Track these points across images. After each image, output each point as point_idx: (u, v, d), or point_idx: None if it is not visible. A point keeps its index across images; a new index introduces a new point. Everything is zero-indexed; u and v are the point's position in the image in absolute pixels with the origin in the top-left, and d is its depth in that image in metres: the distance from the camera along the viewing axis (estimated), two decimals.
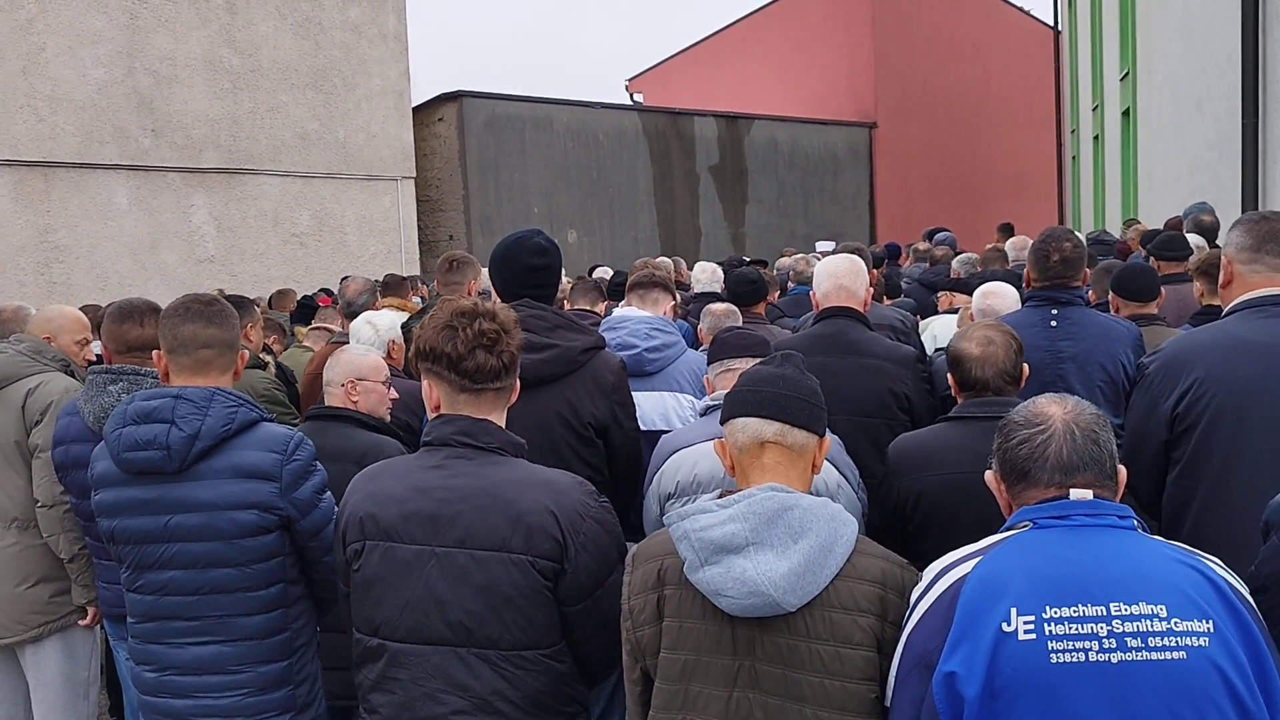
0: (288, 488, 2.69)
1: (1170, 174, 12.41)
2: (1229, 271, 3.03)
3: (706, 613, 2.01)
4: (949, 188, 25.82)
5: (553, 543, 2.23)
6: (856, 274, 3.90)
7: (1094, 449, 1.83)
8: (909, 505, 2.93)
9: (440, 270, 5.31)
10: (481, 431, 2.35)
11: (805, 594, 1.92)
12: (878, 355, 3.62)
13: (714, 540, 1.95)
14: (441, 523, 2.26)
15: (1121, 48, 15.70)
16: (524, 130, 17.96)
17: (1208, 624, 1.64)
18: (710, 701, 2.00)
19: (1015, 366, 2.96)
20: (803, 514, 1.95)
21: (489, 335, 2.33)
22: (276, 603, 2.73)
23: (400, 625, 2.29)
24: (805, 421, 2.09)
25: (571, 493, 2.32)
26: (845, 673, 1.92)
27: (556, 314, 3.32)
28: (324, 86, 15.14)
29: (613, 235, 19.19)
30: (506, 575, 2.23)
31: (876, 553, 2.04)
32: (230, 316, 2.82)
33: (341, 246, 15.44)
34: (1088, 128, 19.89)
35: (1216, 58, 9.63)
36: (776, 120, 22.56)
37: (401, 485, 2.34)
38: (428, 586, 2.26)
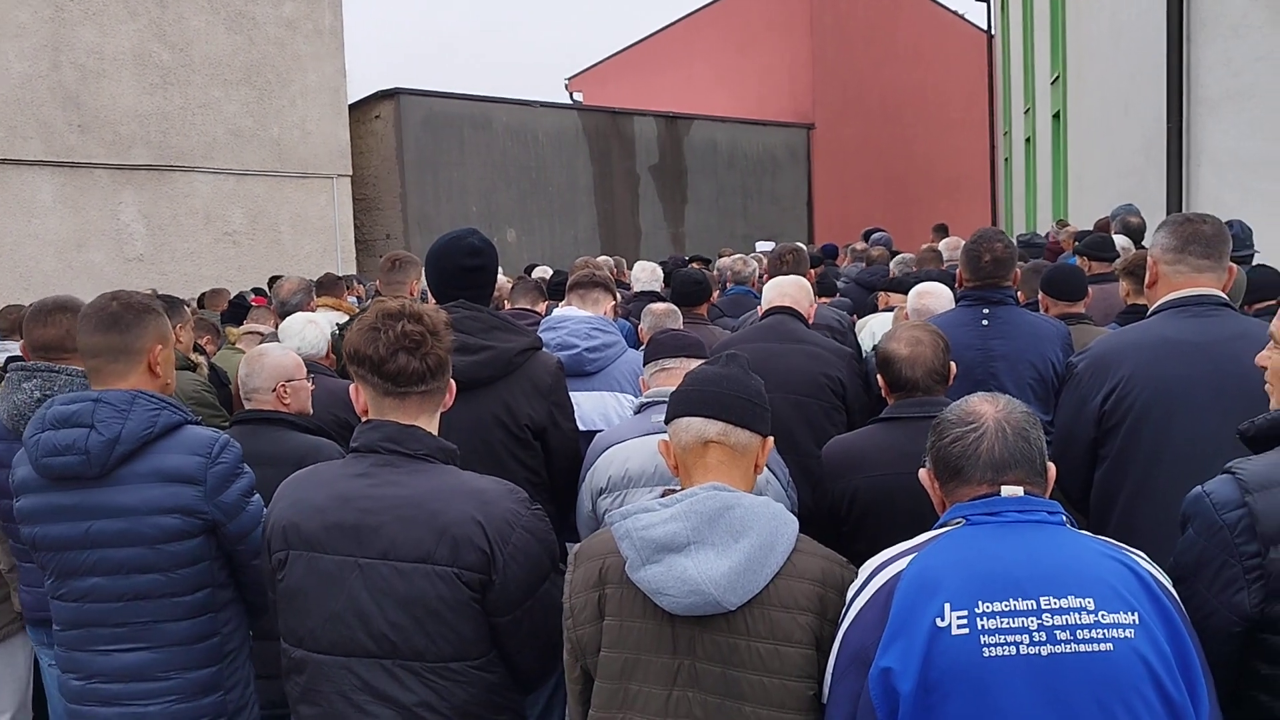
0: (212, 491, 2.62)
1: (1099, 176, 12.68)
2: (1154, 272, 3.09)
3: (647, 611, 2.00)
4: (885, 188, 26.16)
5: (479, 554, 2.18)
6: (803, 290, 4.12)
7: (1024, 446, 1.86)
8: (843, 507, 2.95)
9: (382, 269, 5.25)
10: (409, 438, 2.29)
11: (745, 593, 1.92)
12: (814, 344, 3.73)
13: (655, 539, 1.95)
14: (364, 534, 2.21)
15: (1052, 52, 16.03)
16: (462, 129, 17.83)
17: (1133, 616, 1.67)
18: (650, 700, 1.99)
19: (943, 365, 2.99)
20: (744, 513, 1.96)
21: (413, 337, 2.25)
22: (204, 608, 2.67)
23: (324, 637, 2.24)
24: (748, 421, 2.10)
25: (500, 502, 2.26)
26: (784, 670, 1.92)
27: (492, 315, 3.28)
28: (257, 82, 14.88)
29: (552, 235, 19.13)
30: (431, 588, 2.17)
31: (817, 551, 2.05)
32: (131, 323, 2.69)
33: (276, 245, 15.18)
34: (1020, 130, 20.28)
35: (1143, 63, 9.86)
36: (716, 121, 22.68)
37: (325, 494, 2.28)
38: (351, 599, 2.20)
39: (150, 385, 2.71)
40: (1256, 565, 1.89)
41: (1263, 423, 2.07)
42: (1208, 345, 2.88)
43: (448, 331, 2.36)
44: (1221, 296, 3.07)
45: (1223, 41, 8.59)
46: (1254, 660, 1.95)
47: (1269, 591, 1.89)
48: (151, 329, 2.73)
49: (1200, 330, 2.91)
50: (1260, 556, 1.89)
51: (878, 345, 3.12)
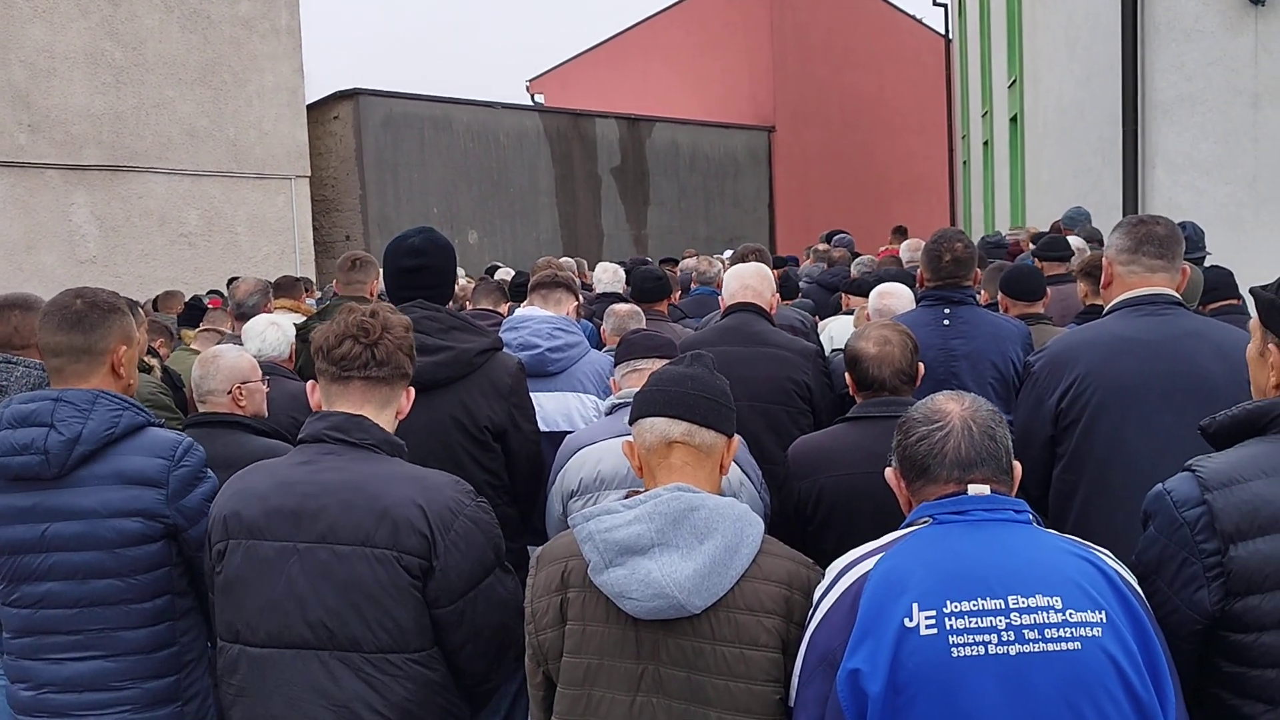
0: (175, 494, 2.57)
1: (1056, 178, 12.85)
2: (1109, 272, 3.13)
3: (610, 616, 1.97)
4: (846, 191, 26.34)
5: (419, 538, 2.18)
6: (764, 280, 4.02)
7: (991, 445, 1.86)
8: (809, 506, 2.95)
9: (341, 270, 5.18)
10: (355, 427, 2.30)
11: (710, 595, 1.90)
12: (780, 345, 3.70)
13: (619, 541, 1.91)
14: (304, 517, 2.20)
15: (1009, 56, 16.21)
16: (423, 129, 17.71)
17: (1100, 614, 1.68)
18: (613, 706, 1.96)
19: (911, 365, 3.00)
20: (709, 514, 1.93)
21: (363, 326, 2.32)
22: (163, 615, 2.61)
23: (260, 628, 2.22)
24: (713, 421, 2.08)
25: (444, 489, 2.27)
26: (750, 674, 1.90)
27: (452, 315, 3.25)
28: (213, 82, 14.68)
29: (514, 236, 19.05)
30: (369, 571, 2.17)
31: (782, 553, 2.03)
32: (96, 323, 2.64)
33: (232, 247, 14.99)
34: (978, 133, 20.49)
35: (1098, 66, 10.01)
36: (677, 123, 22.73)
37: (267, 482, 2.29)
38: (288, 584, 2.19)
39: (113, 386, 2.66)
40: (1216, 563, 1.89)
41: (1224, 419, 2.07)
42: (1161, 343, 2.93)
43: (406, 332, 2.39)
44: (1175, 296, 3.12)
45: (1176, 46, 8.73)
46: (1215, 658, 1.97)
47: (1229, 589, 1.89)
48: (116, 329, 2.68)
49: (1153, 328, 2.96)
50: (1220, 554, 1.89)
51: (848, 343, 3.12)
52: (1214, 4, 8.60)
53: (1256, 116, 8.61)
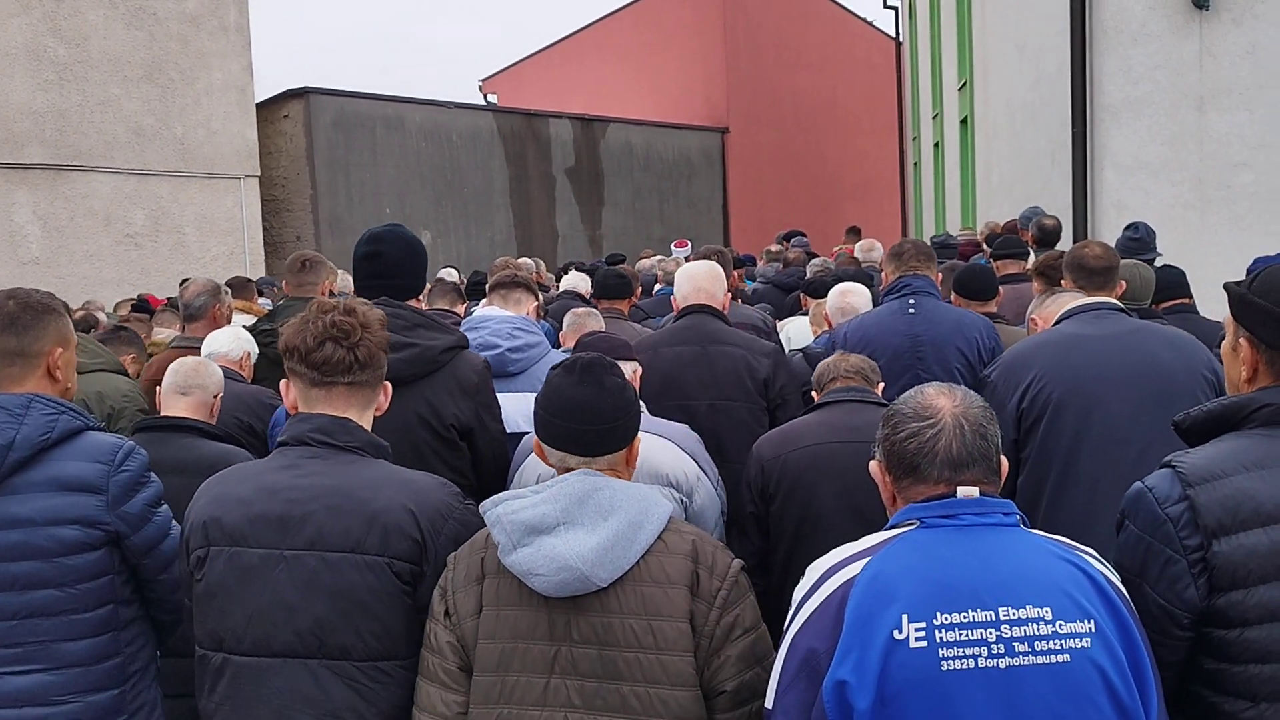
0: (115, 501, 2.47)
1: (1006, 179, 13.00)
2: (1043, 325, 3.31)
3: (523, 599, 2.00)
4: (799, 192, 26.50)
5: (411, 543, 2.13)
6: (715, 279, 4.00)
7: (982, 444, 1.81)
8: (772, 482, 3.00)
9: (290, 271, 5.07)
10: (340, 430, 2.25)
11: (615, 569, 1.94)
12: (736, 344, 3.71)
13: (525, 521, 1.97)
14: (291, 524, 2.15)
15: (959, 59, 16.39)
16: (375, 129, 17.53)
17: (1089, 624, 1.66)
18: (528, 690, 1.98)
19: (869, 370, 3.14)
20: (612, 494, 2.00)
21: (341, 327, 2.25)
22: (106, 625, 2.50)
23: (246, 637, 2.16)
24: (607, 449, 2.10)
25: (433, 492, 2.23)
26: (659, 645, 1.93)
27: (417, 313, 3.21)
28: (159, 80, 14.39)
29: (468, 237, 18.92)
30: (360, 578, 2.12)
31: (688, 530, 2.07)
32: (29, 324, 2.53)
33: (180, 247, 14.70)
34: (929, 135, 20.70)
35: (1048, 69, 10.13)
36: (632, 124, 22.74)
37: (249, 487, 2.23)
38: (276, 592, 2.13)
39: (49, 390, 2.55)
40: (1200, 559, 1.89)
41: (1199, 415, 2.06)
42: (1114, 338, 3.06)
43: (382, 328, 2.33)
44: (1117, 304, 3.23)
45: (1123, 50, 8.86)
46: (1198, 655, 1.96)
47: (1213, 585, 1.89)
48: (51, 330, 2.57)
49: (1105, 327, 3.11)
50: (1203, 550, 1.89)
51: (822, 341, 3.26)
52: (1160, 8, 8.74)
53: (1201, 119, 8.76)
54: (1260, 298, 1.99)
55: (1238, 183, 8.69)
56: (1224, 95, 8.67)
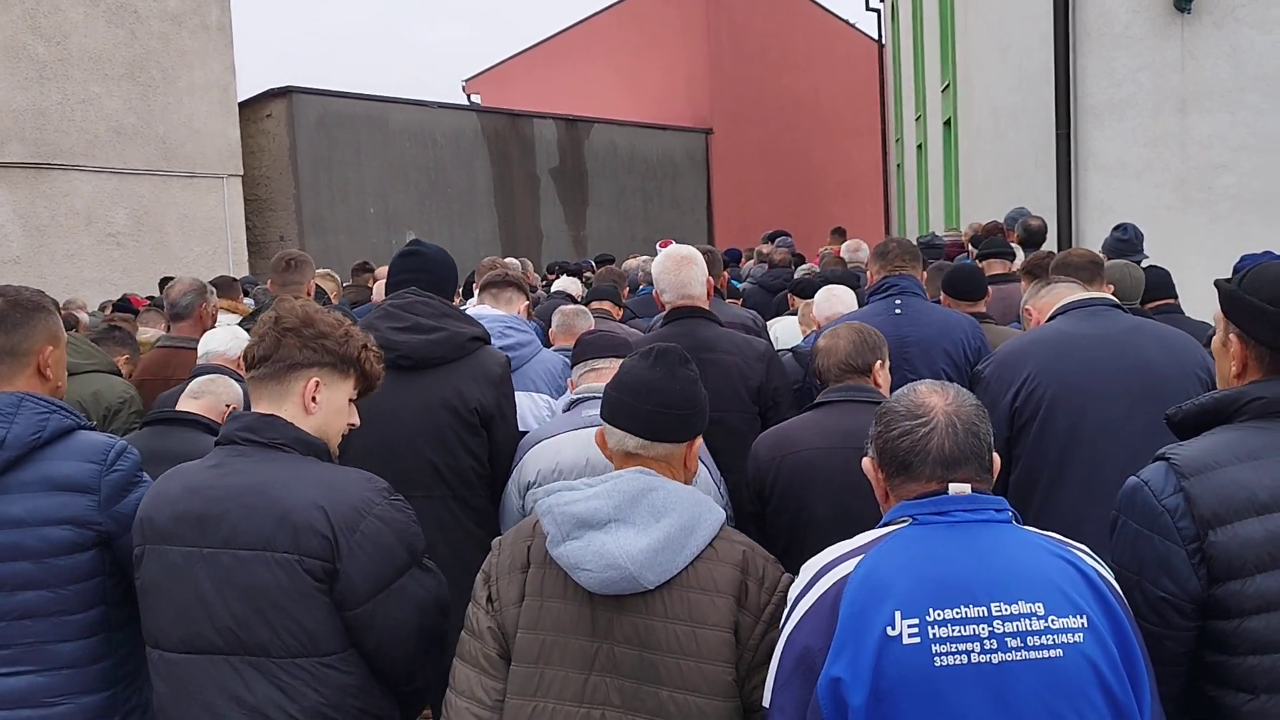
0: (108, 501, 2.45)
1: (990, 181, 13.06)
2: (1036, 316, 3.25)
3: (567, 592, 1.99)
4: (783, 193, 26.54)
5: (321, 540, 2.12)
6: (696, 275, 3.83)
7: (974, 442, 1.82)
8: (768, 484, 3.00)
9: (275, 270, 5.05)
10: (266, 427, 2.25)
11: (663, 571, 1.93)
12: (728, 351, 3.64)
13: (576, 514, 1.96)
14: (209, 522, 2.16)
15: (942, 61, 16.46)
16: (358, 129, 17.46)
17: (1082, 619, 1.67)
18: (566, 684, 1.97)
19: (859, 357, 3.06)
20: (667, 495, 1.99)
21: (261, 321, 2.33)
22: (98, 627, 2.48)
23: (174, 634, 2.19)
24: (664, 435, 2.11)
25: (351, 489, 2.21)
26: (701, 653, 1.92)
27: (445, 304, 3.33)
28: (141, 78, 14.28)
29: (452, 237, 18.85)
30: (271, 576, 2.12)
31: (739, 539, 2.06)
32: (19, 322, 2.52)
33: (162, 247, 14.59)
34: (911, 137, 20.78)
35: (1030, 71, 10.18)
36: (616, 124, 22.73)
37: (178, 486, 2.25)
38: (196, 590, 2.15)
39: (39, 389, 2.53)
40: (1198, 549, 1.91)
41: (1190, 408, 2.09)
42: (1106, 338, 3.02)
43: (304, 323, 2.31)
44: (1110, 298, 3.19)
45: (1106, 52, 8.92)
46: (1198, 648, 1.98)
47: (1211, 575, 1.91)
48: (41, 329, 2.55)
49: (1097, 325, 3.05)
50: (1200, 540, 1.91)
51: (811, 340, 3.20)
52: (1142, 11, 8.80)
53: (1184, 121, 8.83)
54: (1250, 294, 2.03)
55: (1219, 184, 8.76)
56: (1205, 97, 8.74)
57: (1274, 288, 2.00)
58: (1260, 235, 7.84)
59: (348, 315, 2.83)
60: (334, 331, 2.34)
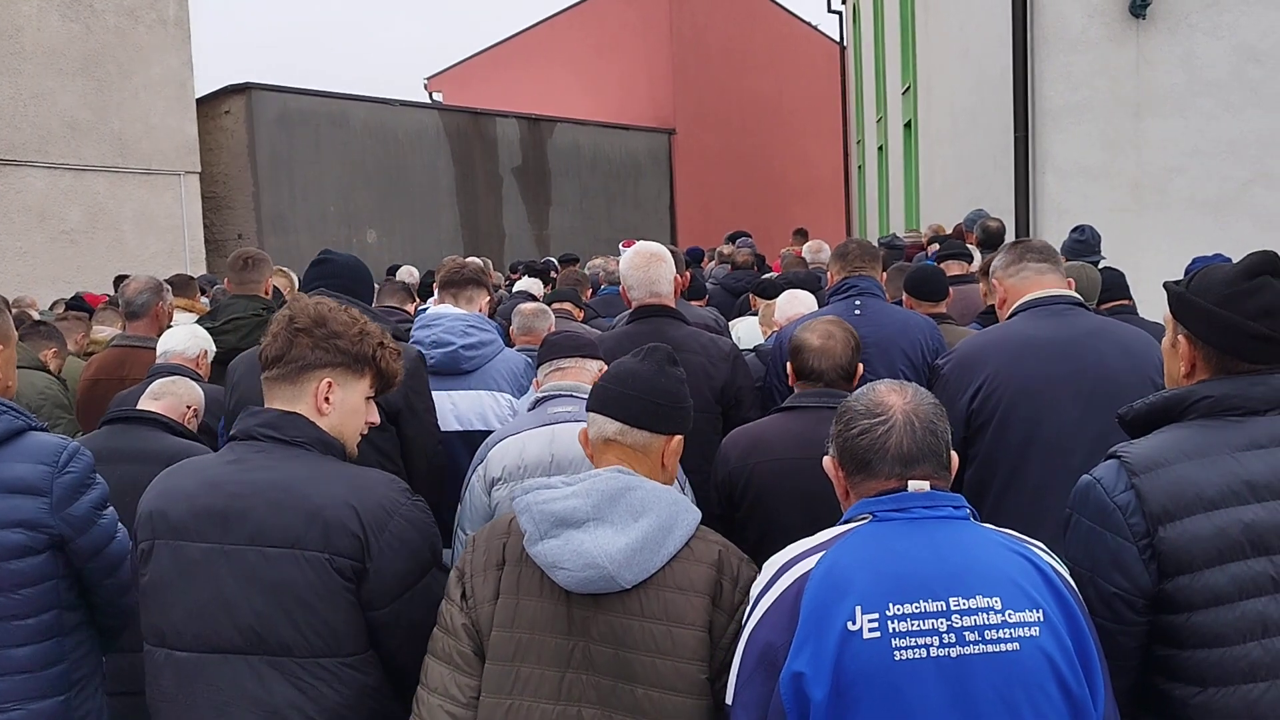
0: (60, 503, 2.41)
1: (949, 183, 13.19)
2: (1002, 290, 3.23)
3: (544, 590, 2.00)
4: (745, 194, 26.64)
5: (352, 539, 2.11)
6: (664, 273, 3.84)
7: (932, 440, 1.86)
8: (739, 490, 2.98)
9: (232, 269, 4.99)
10: (286, 424, 2.23)
11: (641, 571, 1.94)
12: (694, 350, 3.64)
13: (555, 513, 1.97)
14: (232, 518, 2.12)
15: (903, 64, 16.60)
16: (318, 126, 17.30)
17: (1038, 614, 1.70)
18: (542, 682, 1.98)
19: (851, 363, 3.07)
20: (645, 495, 2.00)
21: (276, 320, 2.32)
22: (50, 631, 2.44)
23: (187, 632, 2.13)
24: (645, 422, 2.14)
25: (378, 488, 2.20)
26: (677, 652, 1.93)
27: (352, 301, 3.27)
28: (96, 73, 14.06)
29: (414, 236, 18.75)
30: (300, 574, 2.09)
31: (715, 539, 2.08)
32: None
33: (118, 245, 14.37)
34: (872, 139, 20.95)
35: (989, 74, 10.30)
36: (579, 124, 22.70)
37: (194, 480, 2.20)
38: (216, 588, 2.11)
39: None
40: (1148, 545, 1.95)
41: (1141, 407, 2.13)
42: (1066, 342, 3.00)
43: (314, 322, 2.30)
44: (1075, 296, 3.20)
45: (1063, 56, 9.04)
46: (1149, 642, 2.02)
47: (1161, 571, 1.95)
48: None
49: (1058, 328, 3.03)
50: (1150, 536, 1.95)
51: (794, 334, 3.17)
52: (1098, 16, 8.93)
53: (1138, 125, 8.97)
54: (1197, 297, 2.08)
55: (1172, 187, 8.91)
56: (1160, 102, 8.88)
57: (1220, 290, 2.05)
58: (1212, 237, 7.99)
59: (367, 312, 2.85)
60: (347, 331, 2.32)
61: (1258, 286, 2.01)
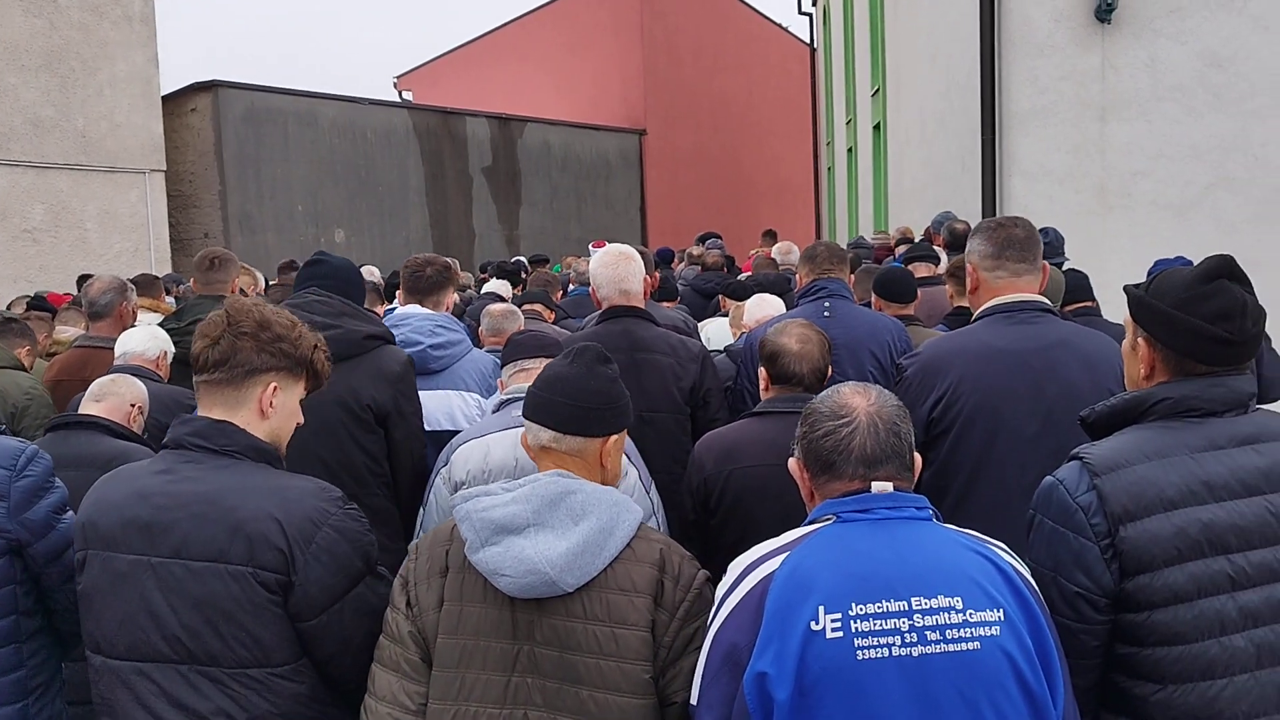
0: (17, 507, 2.38)
1: (918, 185, 13.28)
2: (975, 278, 3.19)
3: (487, 596, 2.01)
4: (716, 194, 26.70)
5: (276, 553, 2.09)
6: (634, 272, 3.85)
7: (895, 441, 1.88)
8: (714, 496, 2.98)
9: (198, 269, 4.95)
10: (217, 433, 2.20)
11: (583, 574, 1.95)
12: (663, 351, 3.64)
13: (495, 520, 1.97)
14: (157, 531, 2.11)
15: (872, 66, 16.70)
16: (286, 124, 17.16)
17: (999, 613, 1.72)
18: (488, 687, 1.99)
19: (826, 366, 3.10)
20: (585, 498, 2.01)
21: (212, 322, 2.25)
22: (9, 637, 2.41)
23: (119, 641, 2.13)
24: (577, 428, 2.14)
25: (305, 500, 2.17)
26: (620, 653, 1.95)
27: (345, 303, 3.33)
28: (60, 70, 13.87)
29: (383, 235, 18.64)
30: (224, 588, 2.08)
31: (657, 538, 2.09)
32: None
33: (81, 244, 14.18)
34: (842, 140, 21.05)
35: (957, 77, 10.37)
36: (549, 124, 22.66)
37: (123, 491, 2.19)
38: (143, 599, 2.11)
39: None
40: (1110, 545, 1.98)
41: (1103, 410, 2.16)
42: (1030, 354, 2.94)
43: (261, 326, 2.25)
44: (1043, 302, 3.18)
45: (1029, 60, 9.11)
46: (1110, 641, 2.04)
47: (1123, 570, 1.98)
48: None
49: (1023, 338, 2.97)
50: (1112, 536, 1.98)
51: (766, 338, 3.17)
52: (1064, 21, 9.01)
53: (1104, 129, 9.06)
54: (1156, 300, 2.11)
55: (1137, 190, 9.01)
56: (1125, 106, 8.98)
57: (1178, 294, 2.07)
58: (1175, 239, 8.08)
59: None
60: (289, 334, 2.30)
61: (1215, 290, 2.04)
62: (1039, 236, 3.20)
